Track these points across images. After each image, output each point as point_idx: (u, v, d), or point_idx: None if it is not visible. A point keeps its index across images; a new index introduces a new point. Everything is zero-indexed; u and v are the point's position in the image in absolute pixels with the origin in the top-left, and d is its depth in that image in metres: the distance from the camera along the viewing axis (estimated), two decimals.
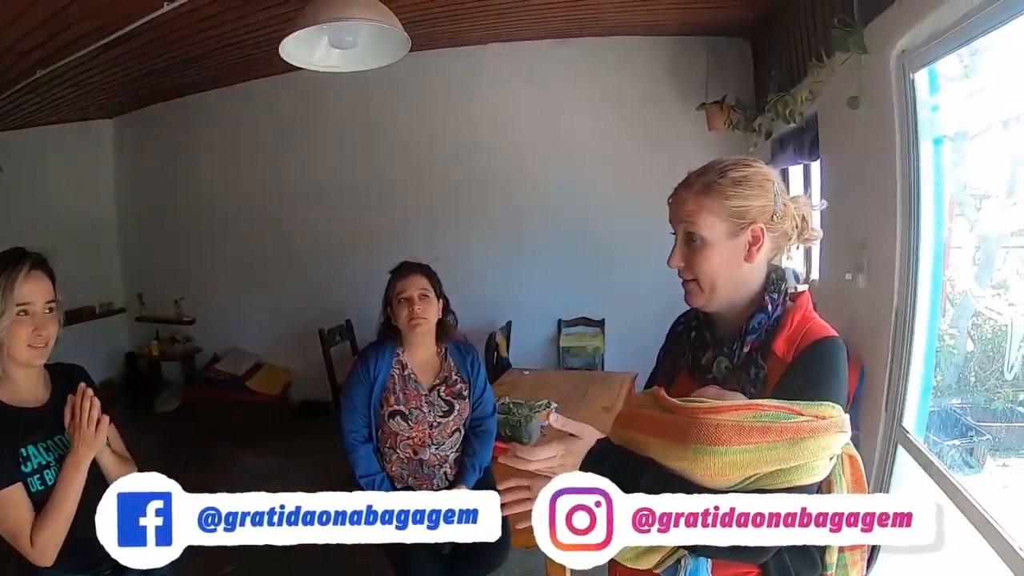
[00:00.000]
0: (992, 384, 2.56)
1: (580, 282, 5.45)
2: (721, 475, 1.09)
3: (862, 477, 1.27)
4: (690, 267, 1.30)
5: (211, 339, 6.32)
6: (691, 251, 1.29)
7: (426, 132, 5.57)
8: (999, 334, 2.53)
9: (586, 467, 1.23)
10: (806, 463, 1.09)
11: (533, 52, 5.26)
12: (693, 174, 1.32)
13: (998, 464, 2.47)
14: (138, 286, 6.49)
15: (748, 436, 1.07)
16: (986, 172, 2.56)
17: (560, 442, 1.27)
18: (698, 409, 1.12)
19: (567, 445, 1.26)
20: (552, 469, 1.23)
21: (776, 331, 1.26)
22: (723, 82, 4.75)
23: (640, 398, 1.30)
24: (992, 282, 2.34)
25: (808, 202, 1.37)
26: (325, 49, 2.64)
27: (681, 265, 1.31)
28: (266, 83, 5.61)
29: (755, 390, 1.22)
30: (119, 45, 3.94)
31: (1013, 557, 1.67)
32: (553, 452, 1.25)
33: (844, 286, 2.86)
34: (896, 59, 2.34)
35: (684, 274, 1.32)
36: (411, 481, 2.49)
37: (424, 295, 2.47)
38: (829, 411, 1.12)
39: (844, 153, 2.96)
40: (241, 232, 6.10)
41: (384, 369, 2.48)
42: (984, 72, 2.20)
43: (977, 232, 2.50)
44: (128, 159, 6.39)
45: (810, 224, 1.35)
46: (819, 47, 2.85)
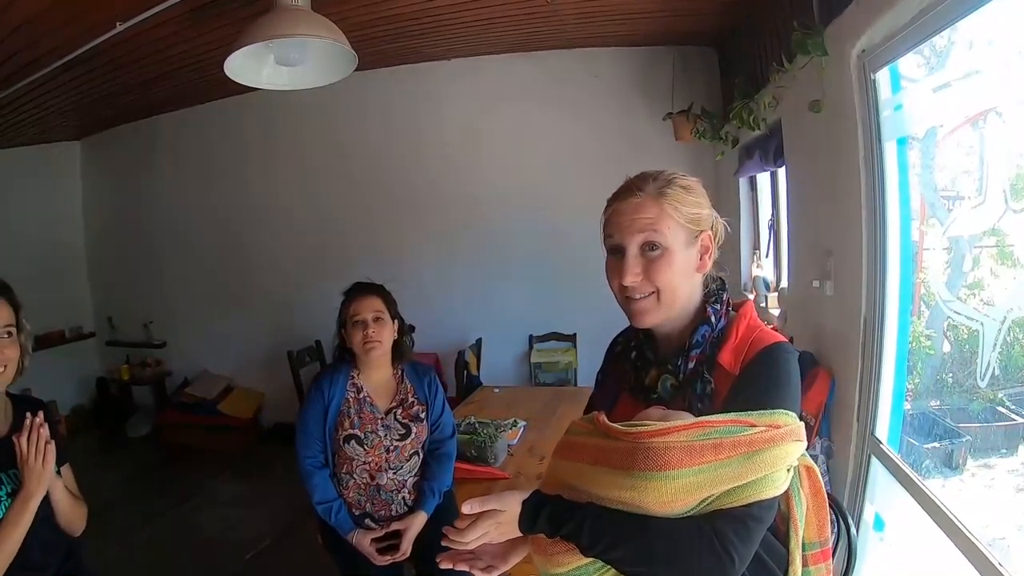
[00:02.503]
0: (970, 385, 2.51)
1: (550, 297, 5.36)
2: (674, 501, 1.02)
3: (821, 488, 1.21)
4: (650, 279, 1.20)
5: (182, 362, 6.22)
6: (649, 262, 1.20)
7: (392, 150, 5.50)
8: (974, 335, 2.48)
9: (524, 526, 1.16)
10: (765, 475, 1.03)
11: (497, 66, 5.21)
12: (637, 180, 1.24)
13: (979, 465, 2.44)
14: (107, 310, 6.40)
15: (699, 456, 1.01)
16: (956, 173, 2.53)
17: (488, 517, 1.17)
18: (642, 433, 1.05)
19: (495, 517, 1.17)
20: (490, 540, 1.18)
21: (721, 343, 1.20)
22: (690, 91, 4.71)
23: (580, 425, 1.21)
24: (966, 283, 2.29)
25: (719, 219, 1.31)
26: (272, 67, 2.58)
27: (639, 279, 1.21)
28: (232, 103, 5.52)
29: (703, 406, 1.15)
30: (76, 67, 3.88)
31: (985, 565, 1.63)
32: (485, 528, 1.17)
33: (812, 294, 2.81)
34: (856, 59, 2.30)
35: (641, 288, 1.21)
36: (369, 507, 2.40)
37: (378, 317, 2.40)
38: (783, 419, 1.07)
39: (808, 158, 2.92)
40: (209, 254, 6.03)
41: (338, 393, 2.40)
42: (949, 69, 2.16)
43: (949, 234, 2.46)
44: (95, 181, 6.31)
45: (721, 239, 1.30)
46: (781, 52, 2.80)
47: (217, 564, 3.66)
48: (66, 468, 1.81)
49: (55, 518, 1.72)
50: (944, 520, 1.84)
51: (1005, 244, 2.25)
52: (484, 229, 5.44)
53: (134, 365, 6.19)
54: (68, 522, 1.76)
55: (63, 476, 1.77)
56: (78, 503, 1.80)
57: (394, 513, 2.40)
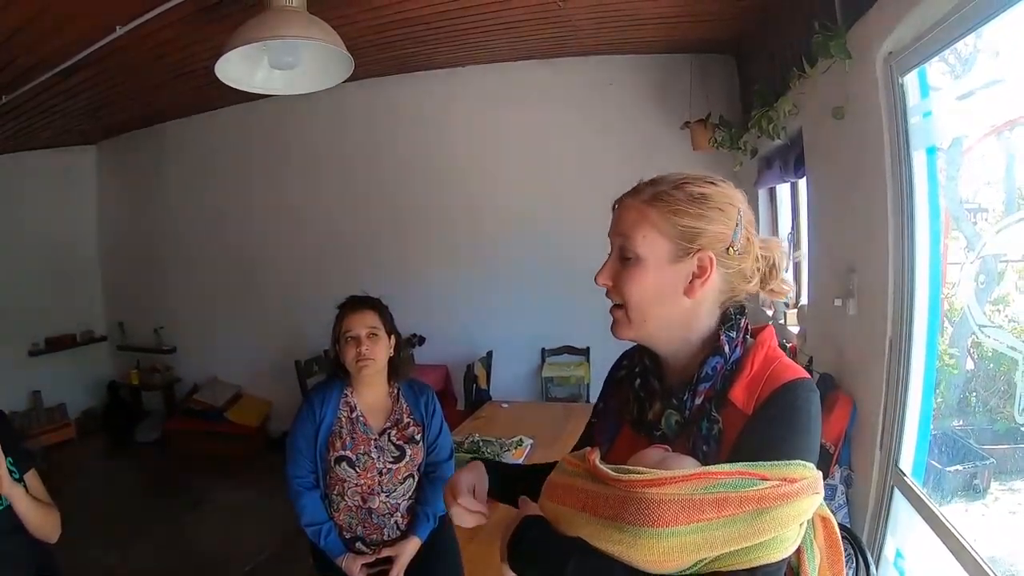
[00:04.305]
0: (994, 404, 2.37)
1: (564, 310, 5.21)
2: (666, 560, 0.88)
3: (838, 540, 1.05)
4: (618, 288, 1.08)
5: (191, 368, 6.24)
6: (622, 269, 1.08)
7: (402, 159, 5.44)
8: (999, 353, 2.34)
9: (505, 549, 1.04)
10: (774, 537, 0.88)
11: (511, 73, 5.12)
12: (645, 182, 1.11)
13: (1003, 488, 2.31)
14: (119, 314, 6.44)
15: (699, 512, 0.87)
16: (982, 184, 2.39)
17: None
18: (636, 482, 0.91)
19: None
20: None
21: (734, 376, 1.04)
22: (708, 100, 4.60)
23: (570, 463, 1.06)
24: (991, 299, 2.14)
25: (781, 247, 1.13)
26: (266, 70, 2.49)
27: (608, 284, 1.10)
28: (243, 109, 5.52)
29: (708, 448, 1.00)
30: (79, 71, 3.85)
31: None
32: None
33: (834, 312, 2.65)
34: (883, 62, 2.17)
35: (612, 296, 1.10)
36: (360, 531, 2.30)
37: (373, 333, 2.29)
38: (800, 472, 0.91)
39: (831, 168, 2.78)
40: (220, 261, 6.03)
41: (331, 411, 2.30)
42: (973, 77, 2.03)
43: (974, 247, 2.31)
44: (110, 186, 6.36)
45: (779, 274, 1.12)
46: (802, 57, 2.66)
47: None
48: (31, 475, 1.76)
49: (22, 527, 1.66)
50: (968, 559, 1.72)
51: None
52: (497, 239, 5.35)
53: (144, 370, 6.21)
54: (38, 530, 1.71)
55: (28, 484, 1.72)
56: (48, 509, 1.74)
57: (386, 537, 2.30)
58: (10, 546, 1.63)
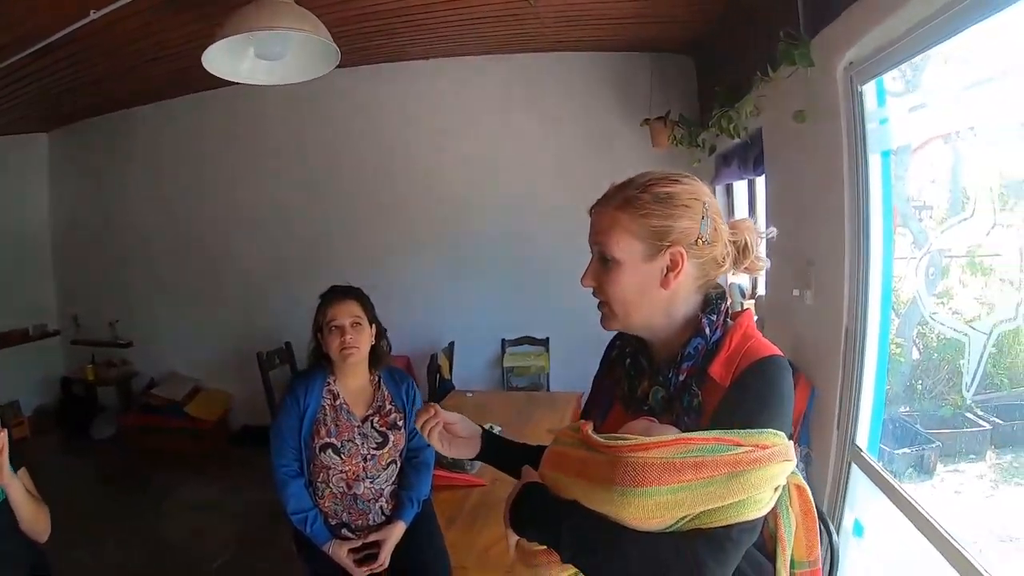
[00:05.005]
0: (939, 391, 2.56)
1: (524, 300, 5.33)
2: (651, 517, 0.99)
3: (812, 509, 1.18)
4: (601, 289, 1.19)
5: (148, 363, 6.06)
6: (603, 271, 1.18)
7: (362, 150, 5.42)
8: (943, 343, 2.53)
9: (507, 513, 1.15)
10: (748, 497, 0.99)
11: (476, 68, 5.16)
12: (615, 187, 1.20)
13: (948, 470, 2.48)
14: (73, 307, 6.19)
15: (680, 474, 0.97)
16: (927, 184, 2.57)
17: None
18: (623, 447, 1.01)
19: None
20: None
21: (714, 354, 1.15)
22: (667, 98, 4.72)
23: (566, 434, 1.17)
24: (936, 291, 2.32)
25: (753, 227, 1.24)
26: (252, 61, 2.50)
27: (593, 285, 1.21)
28: (204, 98, 5.41)
29: (690, 420, 1.12)
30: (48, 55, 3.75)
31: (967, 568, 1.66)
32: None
33: (791, 303, 2.81)
34: (843, 72, 2.31)
35: (597, 295, 1.21)
36: (345, 517, 2.35)
37: (356, 323, 2.34)
38: (771, 439, 1.02)
39: (790, 167, 2.93)
40: (178, 253, 5.88)
41: (314, 400, 2.34)
42: (925, 87, 2.20)
43: (920, 243, 2.49)
44: (63, 174, 6.12)
45: (753, 251, 1.23)
46: (764, 61, 2.80)
47: (183, 574, 3.58)
48: (23, 473, 1.75)
49: (18, 527, 1.66)
50: (926, 525, 1.87)
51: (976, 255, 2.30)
52: (458, 231, 5.39)
53: (99, 365, 6.01)
54: (32, 526, 1.71)
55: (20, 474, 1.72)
56: (40, 505, 1.75)
57: (371, 522, 2.35)
58: (9, 546, 1.63)
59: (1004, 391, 2.33)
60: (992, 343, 1.85)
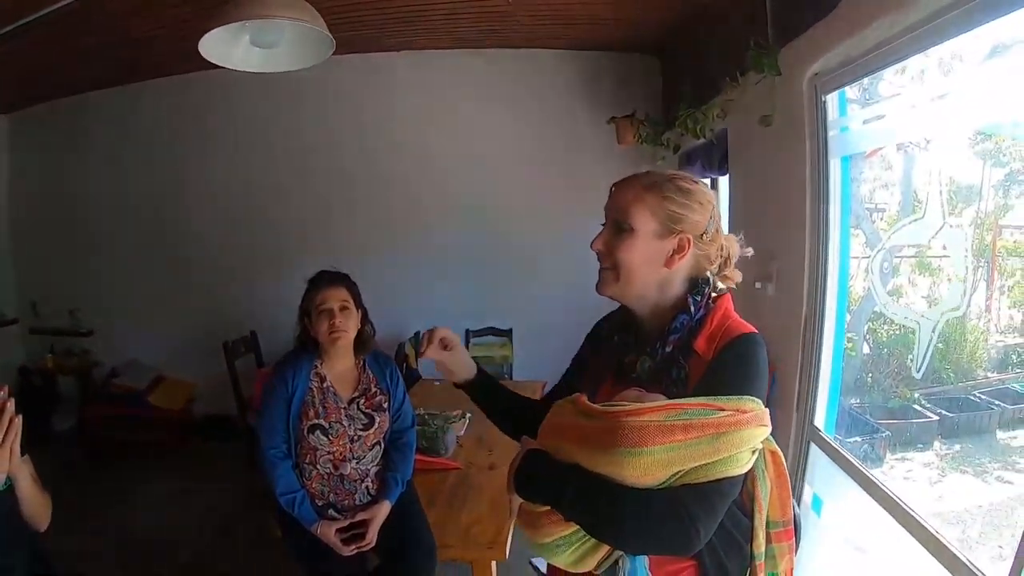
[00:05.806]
0: (888, 385, 2.76)
1: (488, 291, 5.41)
2: (648, 474, 1.11)
3: (785, 473, 1.35)
4: (611, 253, 1.33)
5: (110, 352, 5.85)
6: (616, 238, 1.32)
7: (332, 139, 5.41)
8: (892, 338, 2.73)
9: (510, 477, 1.27)
10: (730, 455, 1.13)
11: (447, 62, 5.21)
12: (641, 172, 1.36)
13: (896, 458, 2.67)
14: (31, 294, 5.93)
15: (671, 435, 1.10)
16: (880, 188, 2.76)
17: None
18: (620, 412, 1.14)
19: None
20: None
21: (698, 330, 1.30)
22: (632, 97, 4.85)
23: (563, 407, 1.30)
24: (888, 288, 2.51)
25: (739, 243, 1.40)
26: (246, 48, 2.50)
27: (602, 249, 1.35)
28: (171, 83, 5.31)
29: (677, 390, 1.25)
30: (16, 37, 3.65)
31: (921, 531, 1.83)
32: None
33: (754, 295, 2.97)
34: (809, 81, 2.47)
35: (603, 260, 1.35)
36: (332, 497, 2.41)
37: (345, 307, 2.42)
38: (749, 404, 1.17)
39: (754, 168, 3.09)
40: (141, 240, 5.74)
41: (302, 382, 2.40)
42: (884, 99, 2.38)
43: (872, 243, 2.69)
44: (23, 158, 5.84)
45: (731, 265, 1.39)
46: (732, 67, 2.95)
47: (153, 566, 3.53)
48: (27, 458, 1.73)
49: (19, 512, 1.64)
50: (885, 497, 2.03)
51: (925, 255, 2.50)
52: (424, 223, 5.43)
53: (59, 354, 5.81)
54: (34, 513, 1.69)
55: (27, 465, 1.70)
56: (44, 492, 1.73)
57: (357, 502, 2.42)
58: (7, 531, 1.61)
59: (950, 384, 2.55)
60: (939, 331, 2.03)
